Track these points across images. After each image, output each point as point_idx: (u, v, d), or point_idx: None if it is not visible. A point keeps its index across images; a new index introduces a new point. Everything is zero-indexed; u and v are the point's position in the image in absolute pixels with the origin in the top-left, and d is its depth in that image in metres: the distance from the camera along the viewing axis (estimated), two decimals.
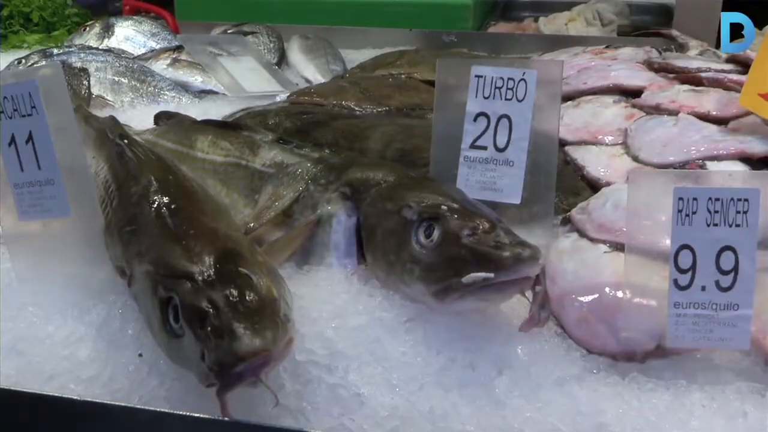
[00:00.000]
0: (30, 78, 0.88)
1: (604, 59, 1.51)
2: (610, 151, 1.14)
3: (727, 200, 0.76)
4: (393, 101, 1.36)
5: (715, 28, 1.69)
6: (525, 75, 0.93)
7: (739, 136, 1.10)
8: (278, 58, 1.70)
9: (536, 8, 2.37)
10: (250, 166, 1.02)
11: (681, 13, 1.72)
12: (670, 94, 1.24)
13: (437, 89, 0.98)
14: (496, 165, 0.94)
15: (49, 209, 0.91)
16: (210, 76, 1.53)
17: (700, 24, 1.69)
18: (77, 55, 1.49)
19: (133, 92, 1.47)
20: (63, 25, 2.00)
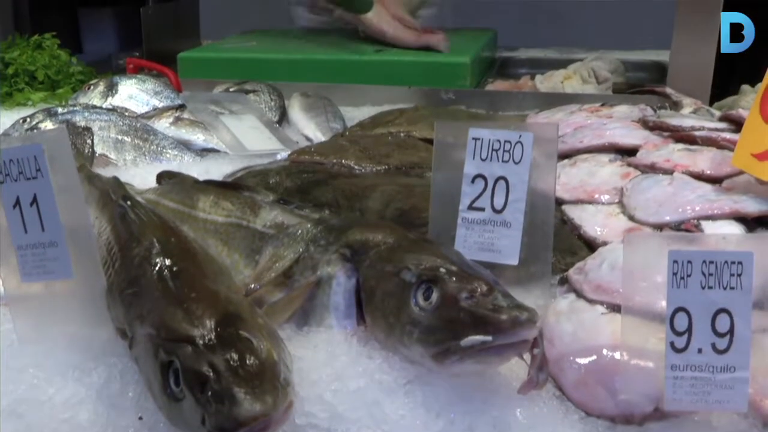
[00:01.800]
0: (36, 142, 0.90)
1: (600, 117, 1.53)
2: (606, 210, 1.15)
3: (721, 263, 0.77)
4: (392, 160, 1.38)
5: (708, 86, 1.73)
6: (521, 137, 0.94)
7: (733, 195, 1.11)
8: (279, 115, 1.73)
9: (533, 65, 2.42)
10: (251, 227, 1.03)
11: (674, 72, 1.75)
12: (664, 152, 1.26)
13: (435, 152, 1.00)
14: (493, 226, 0.95)
15: (52, 271, 0.92)
16: (212, 134, 1.55)
17: (693, 82, 1.72)
18: (81, 114, 1.51)
19: (136, 150, 1.49)
20: (67, 82, 2.03)
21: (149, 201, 1.14)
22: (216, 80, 1.97)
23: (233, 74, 2.00)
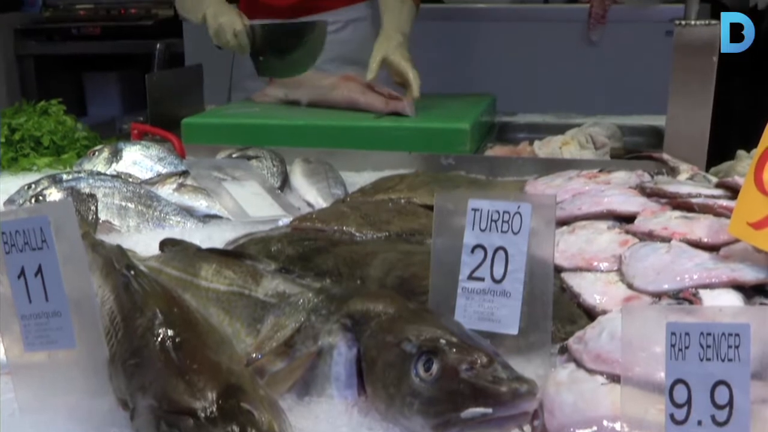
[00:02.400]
0: (42, 213, 0.92)
1: (598, 183, 1.55)
2: (605, 278, 1.16)
3: (718, 335, 0.78)
4: (393, 226, 1.39)
5: (704, 152, 1.75)
6: (520, 208, 0.96)
7: (730, 263, 1.12)
8: (281, 181, 1.75)
9: (531, 130, 2.45)
10: (253, 296, 1.04)
11: (671, 138, 1.77)
12: (662, 220, 1.27)
13: (435, 222, 1.02)
14: (493, 296, 0.96)
15: (54, 341, 0.93)
16: (215, 200, 1.57)
17: (690, 148, 1.75)
18: (86, 181, 1.53)
19: (139, 217, 1.50)
20: (72, 148, 2.06)
21: (152, 269, 1.15)
22: (219, 145, 2.00)
23: (236, 140, 2.03)
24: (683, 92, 1.73)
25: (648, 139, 2.35)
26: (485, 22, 4.05)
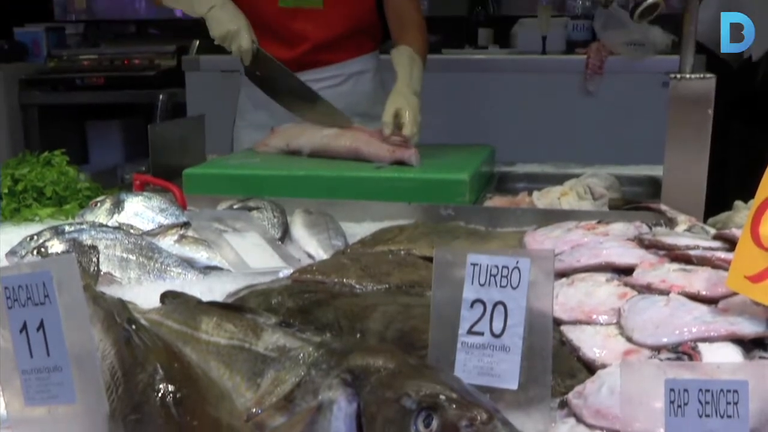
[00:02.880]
0: (45, 268, 0.93)
1: (597, 235, 1.57)
2: (604, 332, 1.17)
3: (717, 392, 0.78)
4: (393, 278, 1.40)
5: (702, 203, 1.77)
6: (519, 263, 0.97)
7: (729, 317, 1.13)
8: (282, 232, 1.76)
9: (530, 180, 2.47)
10: (253, 350, 1.04)
11: (668, 189, 1.79)
12: (660, 273, 1.28)
13: (435, 277, 1.02)
14: (492, 351, 0.96)
15: (55, 395, 0.93)
16: (215, 252, 1.58)
17: (687, 199, 1.77)
18: (88, 232, 1.54)
19: (141, 269, 1.51)
20: (74, 198, 2.07)
21: (153, 322, 1.15)
22: (220, 196, 2.01)
23: (237, 190, 2.05)
24: (680, 144, 1.75)
25: (646, 189, 2.37)
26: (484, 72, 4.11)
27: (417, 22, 2.67)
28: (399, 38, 2.62)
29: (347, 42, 2.73)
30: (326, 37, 2.68)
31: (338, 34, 2.69)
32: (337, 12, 2.65)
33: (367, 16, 2.72)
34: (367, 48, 2.82)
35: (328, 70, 2.73)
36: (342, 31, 2.69)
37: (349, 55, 2.76)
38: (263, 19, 2.53)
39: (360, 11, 2.70)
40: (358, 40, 2.77)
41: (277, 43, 2.54)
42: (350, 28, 2.70)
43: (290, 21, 2.64)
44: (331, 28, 2.67)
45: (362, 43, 2.79)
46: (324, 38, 2.68)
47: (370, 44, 2.83)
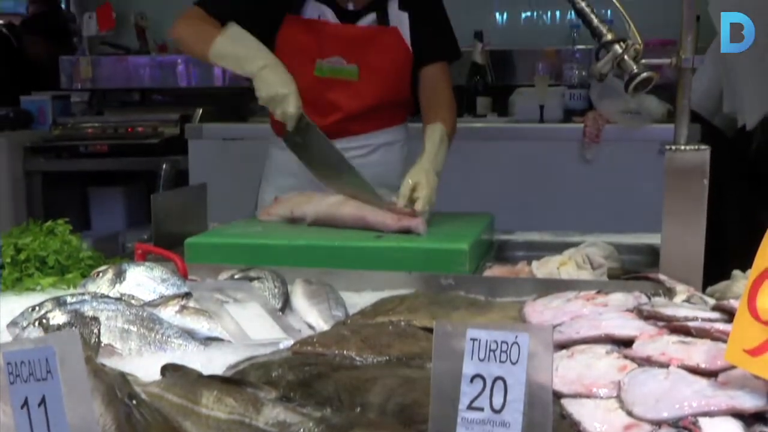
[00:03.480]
0: (47, 344, 0.93)
1: (596, 306, 1.57)
2: (605, 405, 1.17)
3: None
4: (393, 350, 1.41)
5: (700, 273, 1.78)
6: (518, 338, 0.98)
7: (729, 390, 1.13)
8: (282, 302, 1.77)
9: (529, 248, 2.49)
10: (254, 425, 1.04)
11: (666, 259, 1.81)
12: (660, 345, 1.29)
13: (435, 352, 1.03)
14: (492, 426, 0.96)
15: None
16: (216, 323, 1.58)
17: (685, 269, 1.78)
18: (90, 304, 1.55)
19: (141, 340, 1.51)
20: (77, 267, 2.08)
21: (153, 395, 1.15)
22: (222, 265, 2.02)
23: (238, 259, 2.06)
24: (676, 215, 1.78)
25: (645, 257, 2.38)
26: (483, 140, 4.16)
27: (449, 101, 2.70)
28: (429, 115, 2.64)
29: (379, 113, 2.74)
30: (359, 109, 2.69)
31: (371, 106, 2.70)
32: (371, 85, 2.66)
33: (400, 90, 2.74)
34: (398, 120, 2.84)
35: (357, 139, 2.74)
36: (375, 103, 2.70)
37: (379, 126, 2.78)
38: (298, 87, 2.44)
39: (394, 85, 2.72)
40: (390, 112, 2.79)
41: (309, 110, 2.48)
42: (383, 101, 2.72)
43: (324, 91, 2.65)
44: (364, 99, 2.68)
45: (393, 115, 2.81)
46: (356, 109, 2.69)
47: (400, 116, 2.85)
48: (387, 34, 2.65)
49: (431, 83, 2.70)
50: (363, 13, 2.65)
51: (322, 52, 2.62)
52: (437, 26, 2.73)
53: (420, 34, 2.67)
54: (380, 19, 2.65)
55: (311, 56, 2.62)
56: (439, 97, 2.68)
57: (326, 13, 2.62)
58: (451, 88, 2.75)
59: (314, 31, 2.61)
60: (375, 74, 2.65)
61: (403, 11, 2.66)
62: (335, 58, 2.62)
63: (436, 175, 2.38)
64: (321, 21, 2.62)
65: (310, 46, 2.60)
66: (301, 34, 2.61)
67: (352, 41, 2.63)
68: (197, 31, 2.53)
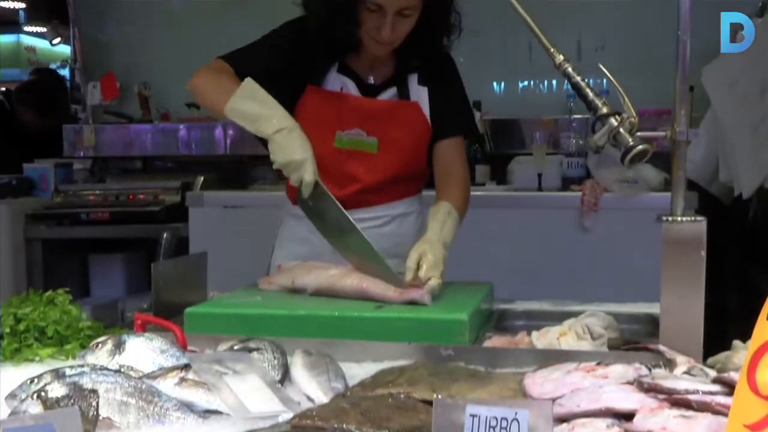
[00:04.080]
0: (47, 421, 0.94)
1: (596, 377, 1.57)
2: None
3: None
4: (393, 423, 1.40)
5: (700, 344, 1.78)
6: (517, 414, 0.98)
7: None
8: (282, 374, 1.76)
9: (529, 318, 2.49)
10: None
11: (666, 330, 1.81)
12: (660, 420, 1.28)
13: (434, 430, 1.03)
14: None
15: None
16: (215, 395, 1.57)
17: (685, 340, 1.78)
18: (89, 376, 1.54)
19: (140, 412, 1.50)
20: (76, 338, 2.08)
21: None
22: (221, 335, 2.02)
23: (237, 330, 2.06)
24: (675, 286, 1.78)
25: (645, 326, 2.38)
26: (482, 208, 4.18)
27: (462, 177, 2.73)
28: (442, 189, 2.68)
29: (396, 185, 2.77)
30: (377, 181, 2.71)
31: (389, 179, 2.72)
32: (390, 157, 2.69)
33: (418, 162, 2.77)
34: (413, 191, 2.87)
35: (373, 210, 2.75)
36: (393, 175, 2.72)
37: (396, 197, 2.80)
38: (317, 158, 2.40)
39: (412, 158, 2.74)
40: (406, 184, 2.82)
41: (327, 180, 2.44)
42: (401, 173, 2.74)
43: (343, 162, 2.67)
44: (383, 172, 2.71)
45: (409, 187, 2.84)
46: (375, 182, 2.71)
47: (416, 187, 2.88)
48: (407, 108, 2.69)
49: (446, 158, 2.74)
50: (384, 87, 2.70)
51: (343, 124, 2.65)
52: (456, 101, 2.79)
53: (439, 108, 2.72)
54: (401, 93, 2.70)
55: (332, 127, 2.64)
56: (452, 172, 2.72)
57: (348, 85, 2.67)
58: (465, 162, 2.79)
59: (336, 103, 2.65)
60: (394, 147, 2.68)
61: (422, 86, 2.71)
62: (355, 130, 2.65)
63: (444, 247, 2.38)
64: (343, 93, 2.66)
65: (330, 118, 2.62)
66: (322, 105, 2.64)
67: (373, 114, 2.66)
68: (217, 82, 2.48)
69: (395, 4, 2.40)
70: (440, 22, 2.61)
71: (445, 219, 2.48)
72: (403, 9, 2.44)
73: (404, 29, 2.51)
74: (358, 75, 2.69)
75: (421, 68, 2.71)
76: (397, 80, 2.70)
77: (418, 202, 2.90)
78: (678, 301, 1.78)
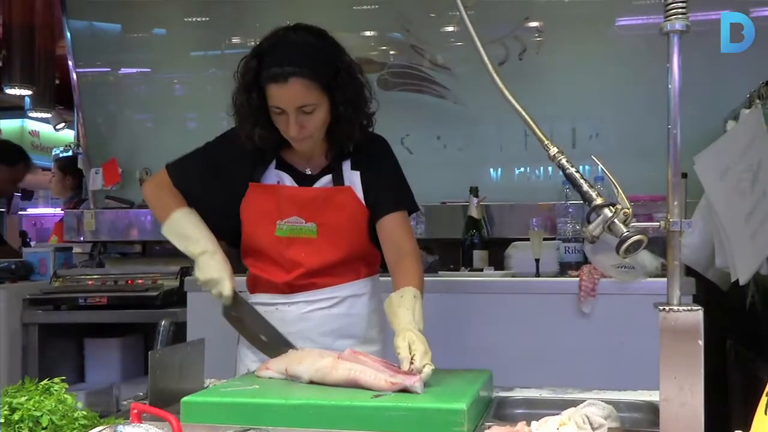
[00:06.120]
0: None
1: None
2: None
3: None
4: None
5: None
6: None
7: None
8: None
9: (528, 405, 2.47)
10: None
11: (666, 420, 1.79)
12: None
13: None
14: None
15: None
16: None
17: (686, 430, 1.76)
18: None
19: None
20: (71, 428, 2.06)
21: None
22: (218, 425, 2.01)
23: (234, 419, 2.05)
24: (674, 375, 1.78)
25: (645, 414, 2.36)
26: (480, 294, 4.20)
27: (412, 250, 2.82)
28: (397, 268, 2.76)
29: (342, 268, 2.88)
30: (320, 264, 2.84)
31: (331, 261, 2.84)
32: (330, 242, 2.83)
33: (361, 246, 2.89)
34: (363, 273, 2.95)
35: (322, 292, 2.86)
36: (335, 258, 2.85)
37: (344, 280, 2.90)
38: (260, 245, 2.80)
39: (354, 242, 2.87)
40: (354, 266, 2.91)
41: (274, 266, 2.79)
42: (344, 257, 2.86)
43: (286, 249, 2.83)
44: (324, 255, 2.83)
45: (358, 269, 2.93)
46: (318, 264, 2.83)
47: (366, 270, 2.97)
48: (341, 192, 2.83)
49: (389, 233, 2.84)
50: (320, 176, 2.87)
51: (282, 213, 2.82)
52: (387, 180, 2.91)
53: (372, 188, 2.86)
54: (335, 179, 2.85)
55: (272, 218, 2.82)
56: (402, 249, 2.81)
57: (284, 178, 2.85)
58: (412, 237, 2.88)
59: (274, 195, 2.83)
60: (332, 231, 2.83)
61: (355, 170, 2.86)
62: (294, 218, 2.81)
63: (420, 332, 2.45)
64: (279, 186, 2.84)
65: (270, 209, 2.81)
66: (262, 198, 2.83)
67: (309, 202, 2.82)
68: (159, 199, 2.87)
69: (291, 103, 2.59)
70: (350, 107, 2.75)
71: (413, 305, 2.54)
72: (302, 107, 2.61)
73: (314, 124, 2.68)
74: (295, 168, 2.85)
75: (353, 154, 2.87)
76: (332, 168, 2.86)
77: (370, 283, 2.97)
78: (677, 391, 1.77)
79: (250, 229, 2.83)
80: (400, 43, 5.42)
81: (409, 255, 2.78)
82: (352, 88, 2.74)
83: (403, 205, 2.92)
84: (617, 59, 5.17)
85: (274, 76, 2.54)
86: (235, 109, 2.76)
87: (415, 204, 2.99)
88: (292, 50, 2.60)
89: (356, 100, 2.76)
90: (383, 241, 2.86)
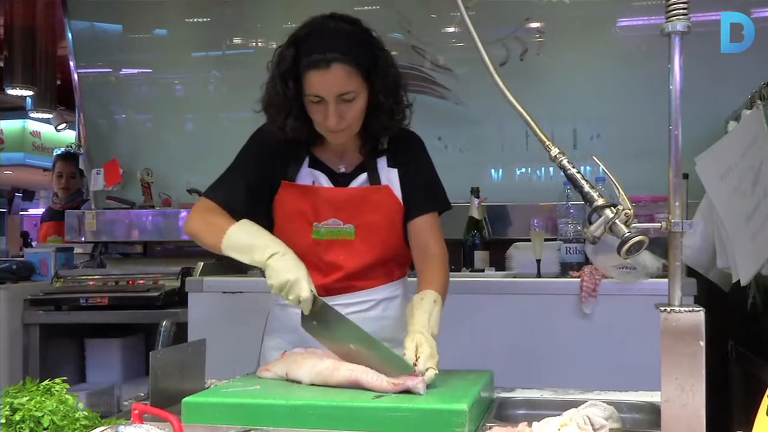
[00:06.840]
0: None
1: None
2: None
3: None
4: None
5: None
6: None
7: None
8: None
9: (530, 406, 2.47)
10: None
11: (667, 421, 1.79)
12: None
13: None
14: None
15: None
16: None
17: (687, 431, 1.76)
18: None
19: None
20: (72, 428, 2.06)
21: None
22: (219, 425, 2.01)
23: (235, 420, 2.04)
24: (675, 376, 1.78)
25: (647, 415, 2.36)
26: (481, 295, 4.20)
27: (439, 256, 2.78)
28: (422, 270, 2.74)
29: (377, 270, 2.83)
30: (358, 266, 2.78)
31: (369, 263, 2.79)
32: (368, 243, 2.77)
33: (396, 246, 2.84)
34: (396, 275, 2.92)
35: (358, 295, 2.82)
36: (373, 260, 2.80)
37: (379, 282, 2.86)
38: (298, 249, 2.53)
39: (390, 242, 2.82)
40: (388, 268, 2.88)
41: (310, 269, 2.53)
42: (380, 258, 2.81)
43: (324, 252, 2.76)
44: (362, 257, 2.78)
45: (391, 271, 2.90)
46: (356, 267, 2.78)
47: (399, 271, 2.94)
48: (379, 192, 2.77)
49: (420, 235, 2.80)
50: (355, 174, 2.79)
51: (319, 215, 2.75)
52: (425, 179, 2.87)
53: (409, 188, 2.80)
54: (371, 178, 2.78)
55: (309, 220, 2.75)
56: (428, 253, 2.77)
57: (319, 178, 2.77)
58: (440, 238, 2.84)
59: (309, 197, 2.75)
60: (369, 232, 2.76)
61: (392, 168, 2.80)
62: (331, 220, 2.74)
63: (433, 336, 2.42)
64: (316, 187, 2.76)
65: (306, 211, 2.72)
66: (297, 199, 2.75)
67: (346, 203, 2.75)
68: (208, 224, 2.64)
69: (333, 90, 2.47)
70: (390, 97, 2.68)
71: (431, 309, 2.51)
72: (342, 94, 2.52)
73: (352, 114, 2.59)
74: (329, 166, 2.79)
75: (389, 151, 2.81)
76: (367, 166, 2.79)
77: (402, 286, 2.95)
78: (678, 392, 1.77)
79: (283, 230, 2.71)
80: (400, 44, 5.42)
81: (435, 258, 2.74)
82: (391, 77, 2.67)
83: (436, 206, 2.88)
84: (618, 60, 5.17)
85: (315, 62, 2.42)
86: (268, 100, 2.59)
87: (447, 203, 2.93)
88: (333, 37, 2.46)
89: (395, 89, 2.69)
90: (412, 242, 2.82)
